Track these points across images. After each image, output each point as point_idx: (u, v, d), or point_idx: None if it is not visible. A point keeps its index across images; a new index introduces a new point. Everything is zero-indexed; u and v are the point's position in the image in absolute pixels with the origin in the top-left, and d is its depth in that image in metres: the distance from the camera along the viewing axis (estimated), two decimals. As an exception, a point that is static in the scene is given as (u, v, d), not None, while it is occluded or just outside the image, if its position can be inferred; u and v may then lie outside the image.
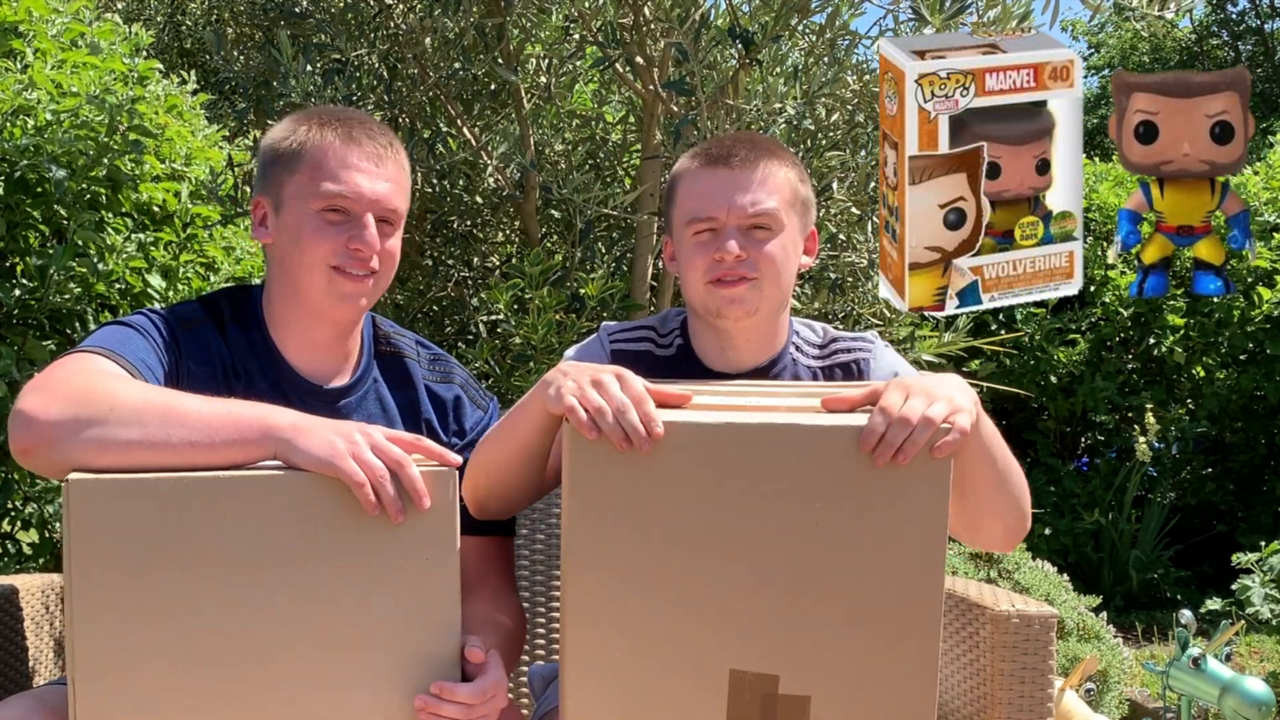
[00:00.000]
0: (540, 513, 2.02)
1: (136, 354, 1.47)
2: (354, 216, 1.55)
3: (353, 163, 1.55)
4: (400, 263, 1.65)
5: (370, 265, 1.56)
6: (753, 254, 1.61)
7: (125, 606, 1.28)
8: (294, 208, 1.55)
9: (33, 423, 1.33)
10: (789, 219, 1.64)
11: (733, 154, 1.64)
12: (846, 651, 1.36)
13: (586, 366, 1.40)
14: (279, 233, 1.58)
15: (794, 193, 1.66)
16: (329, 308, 1.57)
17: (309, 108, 1.68)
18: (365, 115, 1.67)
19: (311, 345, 1.61)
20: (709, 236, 1.63)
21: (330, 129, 1.57)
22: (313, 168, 1.55)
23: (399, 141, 1.63)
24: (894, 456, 1.31)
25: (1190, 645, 2.89)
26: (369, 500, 1.30)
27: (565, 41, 3.41)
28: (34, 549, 2.85)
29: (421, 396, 1.68)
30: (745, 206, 1.61)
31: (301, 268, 1.55)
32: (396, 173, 1.59)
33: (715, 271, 1.61)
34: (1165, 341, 5.01)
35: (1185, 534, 5.20)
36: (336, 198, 1.53)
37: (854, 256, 3.25)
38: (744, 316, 1.63)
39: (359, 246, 1.53)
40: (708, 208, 1.63)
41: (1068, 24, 16.41)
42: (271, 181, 1.58)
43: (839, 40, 3.03)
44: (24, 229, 2.66)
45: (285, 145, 1.58)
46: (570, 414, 1.32)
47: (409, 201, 1.63)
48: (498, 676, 1.39)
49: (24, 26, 2.82)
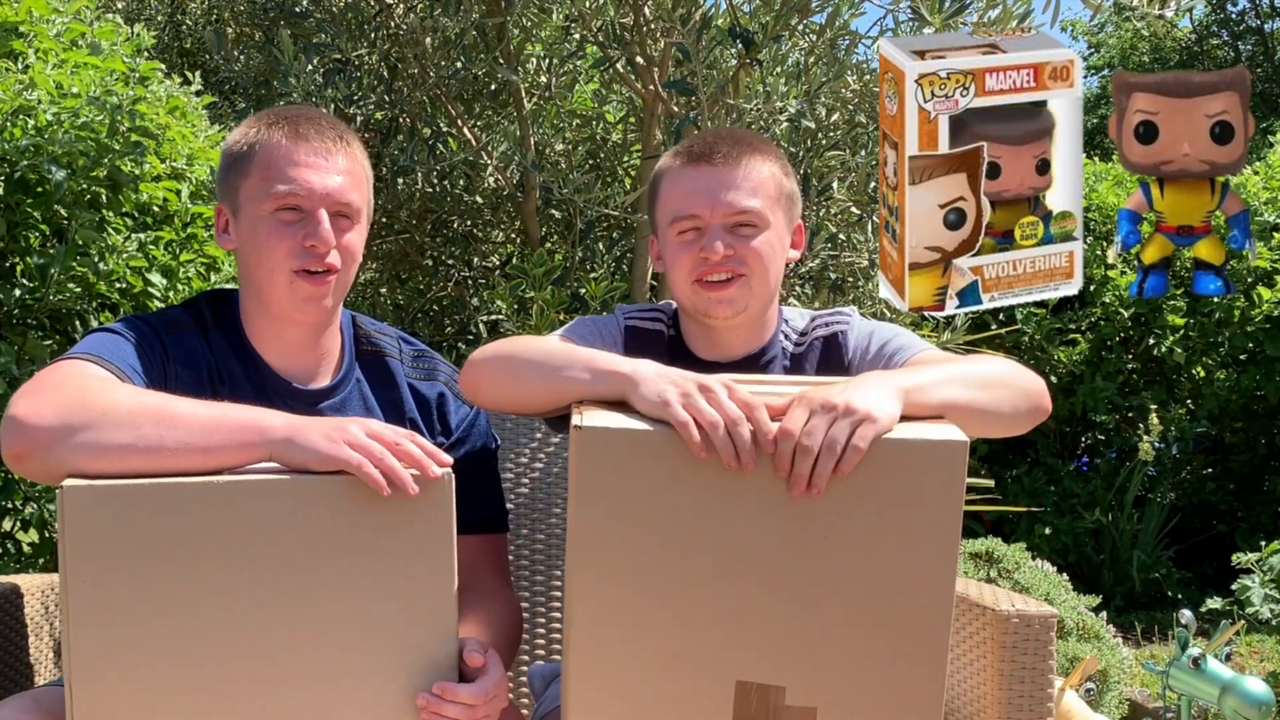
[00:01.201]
0: (540, 513, 2.02)
1: (125, 359, 1.46)
2: (307, 213, 1.53)
3: (300, 159, 1.53)
4: (400, 263, 1.64)
5: (328, 262, 1.54)
6: (739, 250, 1.61)
7: (122, 612, 1.27)
8: (249, 211, 1.55)
9: (25, 428, 1.31)
10: (774, 214, 1.64)
11: (715, 151, 1.64)
12: (853, 663, 1.34)
13: (684, 373, 1.37)
14: (239, 238, 1.57)
15: (778, 187, 1.65)
16: (293, 310, 1.56)
17: (264, 110, 1.66)
18: (316, 111, 1.65)
19: (286, 348, 1.60)
20: (693, 235, 1.63)
21: (277, 128, 1.55)
22: (263, 169, 1.54)
23: (352, 134, 1.61)
24: (807, 489, 1.29)
25: (1190, 645, 2.89)
26: (375, 479, 1.29)
27: (566, 41, 3.42)
28: (34, 549, 2.84)
29: (405, 395, 1.67)
30: (729, 204, 1.61)
31: (263, 272, 1.54)
32: (349, 165, 1.57)
33: (701, 270, 1.61)
34: (1165, 341, 5.01)
35: (1185, 534, 5.20)
36: (288, 196, 1.52)
37: (854, 256, 3.25)
38: (733, 315, 1.64)
39: (314, 243, 1.52)
40: (691, 206, 1.62)
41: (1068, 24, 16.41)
42: (228, 187, 1.58)
43: (839, 40, 3.04)
44: (24, 229, 2.66)
45: (237, 148, 1.57)
46: (683, 429, 1.29)
47: (368, 194, 1.62)
48: (499, 676, 1.39)
49: (25, 27, 2.82)
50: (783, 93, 2.87)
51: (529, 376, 1.49)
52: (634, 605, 1.33)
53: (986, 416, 1.47)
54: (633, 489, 1.31)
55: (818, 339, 1.71)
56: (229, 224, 1.59)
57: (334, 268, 1.55)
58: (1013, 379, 1.52)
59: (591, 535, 1.33)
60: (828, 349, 1.70)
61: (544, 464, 2.02)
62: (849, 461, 1.29)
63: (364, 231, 1.62)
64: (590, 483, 1.32)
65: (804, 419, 1.30)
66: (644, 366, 1.38)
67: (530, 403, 1.51)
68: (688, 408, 1.30)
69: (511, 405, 1.57)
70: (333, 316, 1.63)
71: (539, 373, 1.47)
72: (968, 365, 1.52)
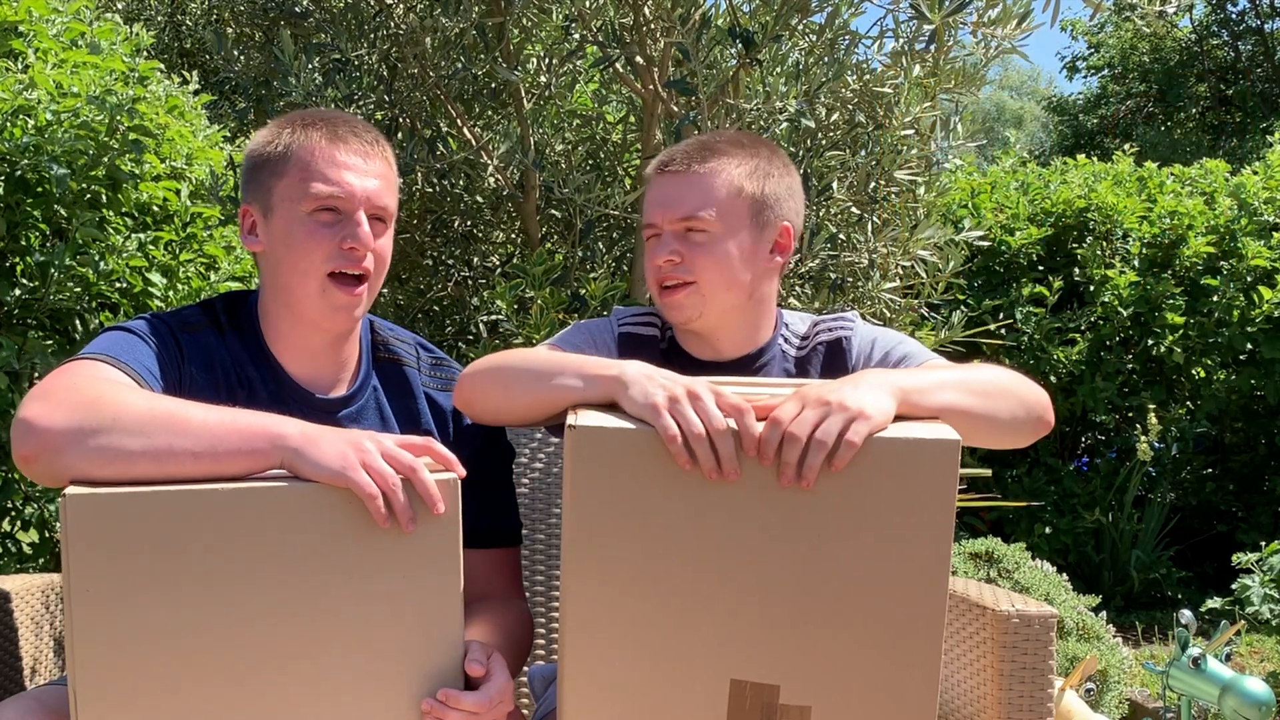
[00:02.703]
0: (540, 512, 2.02)
1: (140, 360, 1.45)
2: (346, 215, 1.52)
3: (340, 160, 1.53)
4: (400, 263, 1.64)
5: (364, 265, 1.53)
6: (688, 257, 1.62)
7: (125, 620, 1.26)
8: (284, 212, 1.53)
9: (36, 431, 1.30)
10: (730, 221, 1.62)
11: (674, 160, 1.65)
12: (848, 662, 1.35)
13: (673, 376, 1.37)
14: (270, 240, 1.56)
15: (736, 191, 1.63)
16: (322, 318, 1.55)
17: (291, 112, 1.66)
18: (348, 114, 1.65)
19: (308, 354, 1.59)
20: (655, 243, 1.65)
21: (315, 129, 1.55)
22: (301, 169, 1.52)
23: (384, 138, 1.61)
24: (797, 480, 1.29)
25: (1190, 645, 2.89)
26: (380, 513, 1.29)
27: (565, 41, 3.41)
28: (34, 549, 2.84)
29: (421, 406, 1.66)
30: (675, 211, 1.63)
31: (295, 274, 1.53)
32: (385, 169, 1.57)
33: (657, 276, 1.64)
34: (1165, 341, 5.01)
35: (1185, 534, 5.20)
36: (328, 198, 1.51)
37: (854, 256, 3.25)
38: (686, 322, 1.65)
39: (353, 245, 1.51)
40: (651, 214, 1.66)
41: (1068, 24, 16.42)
42: (259, 187, 1.56)
43: (839, 40, 3.04)
44: (24, 228, 2.66)
45: (270, 149, 1.55)
46: (670, 443, 1.30)
47: (398, 199, 1.62)
48: (503, 682, 1.38)
49: (24, 26, 2.82)
50: (782, 93, 2.87)
51: (520, 387, 1.49)
52: (629, 603, 1.34)
53: (984, 423, 1.47)
54: (627, 488, 1.32)
55: (821, 343, 1.71)
56: (256, 225, 1.57)
57: (368, 272, 1.54)
58: (1014, 389, 1.52)
59: (586, 534, 1.33)
60: (831, 354, 1.69)
61: (544, 464, 2.02)
62: (843, 457, 1.29)
63: (392, 235, 1.62)
64: (584, 482, 1.32)
65: (795, 410, 1.32)
66: (632, 369, 1.39)
67: (524, 413, 1.51)
68: (674, 414, 1.31)
69: (506, 417, 1.57)
70: (357, 325, 1.62)
71: (530, 382, 1.48)
72: (970, 372, 1.52)
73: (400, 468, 1.31)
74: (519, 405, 1.50)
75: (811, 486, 1.30)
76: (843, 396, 1.32)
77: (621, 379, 1.38)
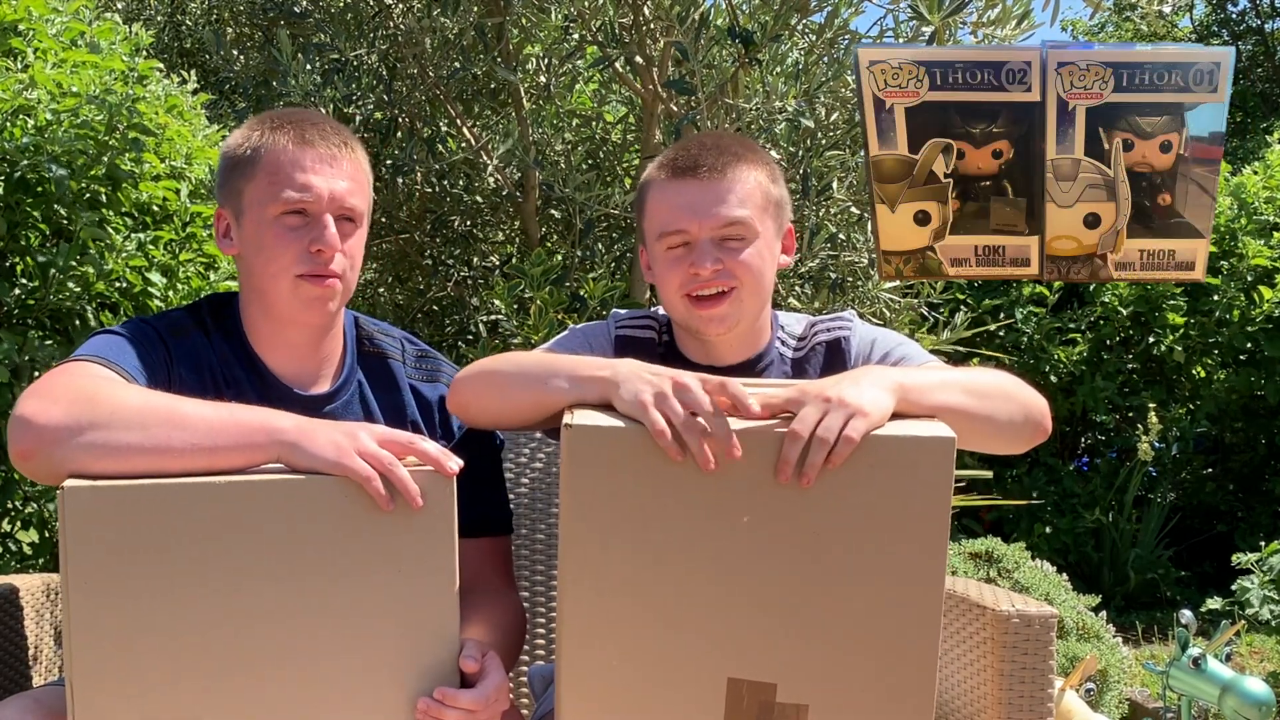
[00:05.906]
0: (540, 510, 2.02)
1: (131, 361, 1.46)
2: (313, 217, 1.53)
3: (308, 164, 1.53)
4: (400, 263, 1.64)
5: (332, 268, 1.54)
6: (729, 264, 1.59)
7: (122, 613, 1.27)
8: (254, 215, 1.54)
9: (33, 427, 1.31)
10: (762, 223, 1.62)
11: (699, 163, 1.61)
12: (844, 660, 1.35)
13: (661, 371, 1.37)
14: (243, 243, 1.57)
15: (765, 195, 1.63)
16: (297, 313, 1.56)
17: (264, 113, 1.66)
18: (319, 114, 1.65)
19: (289, 352, 1.60)
20: (683, 250, 1.61)
21: (282, 132, 1.55)
22: (268, 173, 1.53)
23: (354, 138, 1.61)
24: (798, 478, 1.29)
25: (1190, 645, 2.89)
26: (380, 494, 1.29)
27: (565, 41, 3.41)
28: (34, 549, 2.84)
29: (406, 398, 1.67)
30: (717, 217, 1.59)
31: (267, 277, 1.54)
32: (354, 170, 1.57)
33: (692, 285, 1.60)
34: (1165, 341, 5.01)
35: (1185, 534, 5.20)
36: (295, 202, 1.52)
37: (854, 256, 3.25)
38: (725, 332, 1.62)
39: (320, 248, 1.52)
40: (678, 221, 1.60)
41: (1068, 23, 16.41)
42: (231, 191, 1.57)
43: (838, 40, 3.04)
44: (24, 228, 2.66)
45: (240, 152, 1.56)
46: (659, 438, 1.30)
47: (369, 199, 1.62)
48: (499, 680, 1.39)
49: (24, 25, 2.82)
50: (782, 92, 2.87)
51: (514, 390, 1.49)
52: (626, 602, 1.34)
53: (981, 424, 1.46)
54: (623, 486, 1.32)
55: (819, 344, 1.70)
56: (230, 228, 1.59)
57: (336, 273, 1.55)
58: (1013, 393, 1.52)
59: (583, 533, 1.33)
60: (830, 354, 1.69)
61: (544, 462, 2.02)
62: (840, 453, 1.29)
63: (365, 235, 1.62)
64: (581, 480, 1.32)
65: (798, 407, 1.32)
66: (623, 367, 1.38)
67: (518, 416, 1.51)
68: (661, 408, 1.31)
69: (500, 420, 1.56)
70: (335, 320, 1.62)
71: (524, 385, 1.47)
72: (969, 374, 1.52)
73: (398, 448, 1.32)
74: (514, 408, 1.50)
75: (811, 484, 1.30)
76: (842, 393, 1.32)
77: (613, 379, 1.37)
